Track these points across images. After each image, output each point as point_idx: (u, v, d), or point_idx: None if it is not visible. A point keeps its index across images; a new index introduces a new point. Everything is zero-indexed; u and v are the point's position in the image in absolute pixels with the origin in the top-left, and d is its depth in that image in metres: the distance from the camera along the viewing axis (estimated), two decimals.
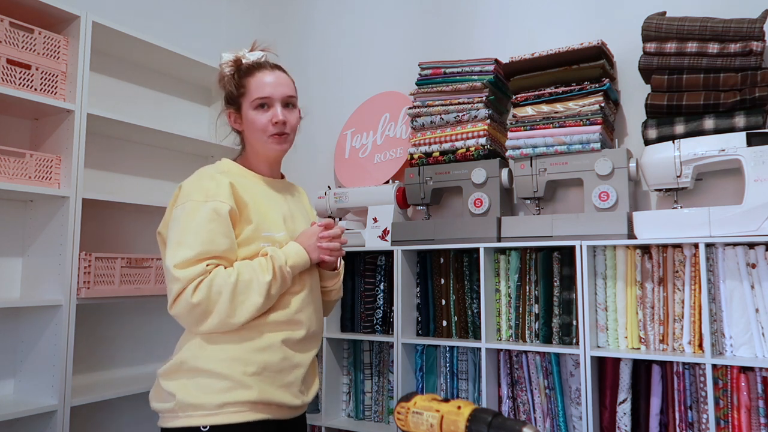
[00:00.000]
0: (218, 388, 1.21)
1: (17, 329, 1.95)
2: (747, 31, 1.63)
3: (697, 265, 1.62)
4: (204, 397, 1.20)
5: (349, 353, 2.21)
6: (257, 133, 1.38)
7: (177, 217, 1.26)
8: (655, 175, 1.71)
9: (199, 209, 1.24)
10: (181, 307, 1.19)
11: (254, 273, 1.24)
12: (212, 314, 1.20)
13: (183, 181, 1.33)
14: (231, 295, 1.20)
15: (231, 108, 1.42)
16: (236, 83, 1.40)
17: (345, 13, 2.71)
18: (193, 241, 1.21)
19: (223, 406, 1.20)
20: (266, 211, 1.35)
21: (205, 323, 1.21)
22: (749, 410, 1.52)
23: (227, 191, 1.28)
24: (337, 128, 2.60)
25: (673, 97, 1.72)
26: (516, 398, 1.88)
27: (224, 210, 1.25)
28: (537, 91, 1.93)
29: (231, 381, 1.21)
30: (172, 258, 1.20)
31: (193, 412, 1.20)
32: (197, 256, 1.20)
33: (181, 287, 1.19)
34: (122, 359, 2.28)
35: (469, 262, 2.00)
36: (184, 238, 1.22)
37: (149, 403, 1.30)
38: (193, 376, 1.22)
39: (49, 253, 1.91)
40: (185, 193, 1.29)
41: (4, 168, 1.77)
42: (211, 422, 1.19)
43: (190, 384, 1.22)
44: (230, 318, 1.21)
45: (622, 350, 1.70)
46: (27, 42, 1.83)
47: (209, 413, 1.20)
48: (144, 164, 2.41)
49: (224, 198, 1.26)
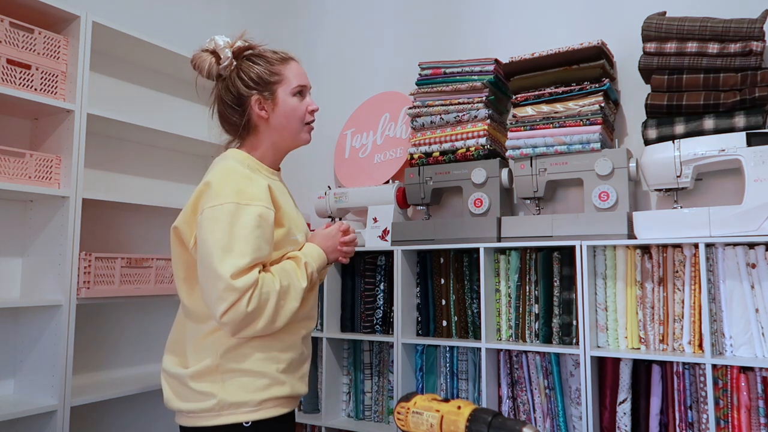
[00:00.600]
0: (258, 386, 1.25)
1: (17, 329, 1.95)
2: (747, 31, 1.63)
3: (697, 265, 1.63)
4: (246, 395, 1.24)
5: (349, 353, 2.21)
6: (294, 121, 1.38)
7: (217, 219, 1.21)
8: (655, 175, 1.71)
9: (244, 213, 1.21)
10: (235, 316, 1.18)
11: (291, 279, 1.27)
12: (259, 320, 1.21)
13: (209, 177, 1.27)
14: (276, 301, 1.22)
15: (262, 94, 1.36)
16: (268, 70, 1.36)
17: (345, 13, 2.71)
18: (244, 248, 1.19)
19: (263, 402, 1.25)
20: (292, 213, 1.37)
21: (250, 328, 1.22)
22: (749, 410, 1.52)
23: (268, 195, 1.27)
24: (337, 128, 2.60)
25: (673, 97, 1.72)
26: (516, 398, 1.88)
27: (271, 217, 1.25)
28: (537, 91, 1.93)
29: (268, 378, 1.27)
30: (227, 267, 1.17)
31: (236, 410, 1.24)
32: (250, 264, 1.19)
33: (238, 297, 1.17)
34: (122, 359, 2.28)
35: (469, 262, 2.00)
36: (233, 245, 1.19)
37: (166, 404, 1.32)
38: (232, 376, 1.25)
39: (49, 253, 1.91)
40: (219, 192, 1.23)
41: (4, 168, 1.77)
42: (253, 418, 1.24)
43: (230, 384, 1.25)
44: (273, 323, 1.23)
45: (622, 350, 1.70)
46: (27, 42, 1.83)
47: (251, 410, 1.24)
48: (144, 164, 2.41)
49: (267, 203, 1.26)
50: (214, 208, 1.22)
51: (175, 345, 1.36)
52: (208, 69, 1.37)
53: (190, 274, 1.31)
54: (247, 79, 1.35)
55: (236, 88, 1.36)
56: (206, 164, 2.65)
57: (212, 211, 1.21)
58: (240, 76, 1.36)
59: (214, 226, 1.20)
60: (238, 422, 1.24)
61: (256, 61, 1.37)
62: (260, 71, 1.36)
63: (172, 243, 1.33)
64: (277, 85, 1.37)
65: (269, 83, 1.36)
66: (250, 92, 1.35)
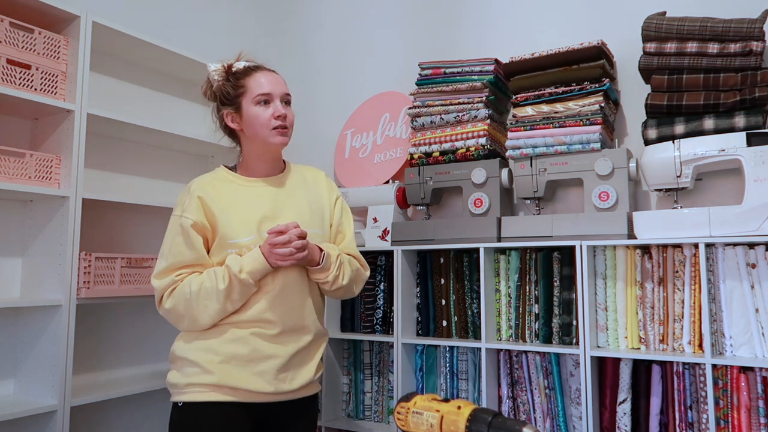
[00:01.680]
0: (188, 372, 1.41)
1: (17, 329, 1.95)
2: (747, 31, 1.63)
3: (697, 265, 1.63)
4: (179, 378, 1.42)
5: (349, 353, 2.21)
6: (260, 128, 1.47)
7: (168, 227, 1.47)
8: (655, 175, 1.71)
9: (173, 223, 1.45)
10: (162, 312, 1.43)
11: (212, 281, 1.38)
12: (183, 317, 1.40)
13: None
14: (194, 302, 1.38)
15: (229, 108, 1.50)
16: (233, 84, 1.49)
17: (345, 13, 2.71)
18: (167, 253, 1.42)
19: (188, 386, 1.40)
20: (237, 218, 1.45)
21: (181, 324, 1.43)
22: (749, 410, 1.52)
23: (196, 205, 1.43)
24: (337, 128, 2.60)
25: (673, 97, 1.72)
26: (516, 398, 1.88)
27: (187, 224, 1.41)
28: (537, 91, 1.93)
29: (198, 367, 1.40)
30: (155, 269, 1.42)
31: (173, 390, 1.43)
32: (168, 267, 1.41)
33: (159, 295, 1.42)
34: (122, 359, 2.27)
35: (469, 262, 2.00)
36: (162, 251, 1.44)
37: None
38: (178, 363, 1.45)
39: (49, 253, 1.91)
40: (177, 205, 1.47)
41: (4, 168, 1.76)
42: (182, 399, 1.40)
43: (175, 369, 1.45)
44: (197, 322, 1.40)
45: (622, 350, 1.70)
46: (27, 42, 1.83)
47: (180, 391, 1.41)
48: (144, 164, 2.41)
49: (190, 213, 1.42)
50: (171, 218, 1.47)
51: None
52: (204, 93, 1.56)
53: None
54: (221, 97, 1.51)
55: (216, 107, 1.54)
56: (206, 164, 2.66)
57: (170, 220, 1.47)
58: (216, 96, 1.52)
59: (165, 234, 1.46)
60: (176, 401, 1.42)
61: (229, 79, 1.51)
62: (228, 87, 1.49)
63: None
64: (241, 97, 1.49)
65: (235, 97, 1.49)
66: (223, 108, 1.51)
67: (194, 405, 1.39)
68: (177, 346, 1.46)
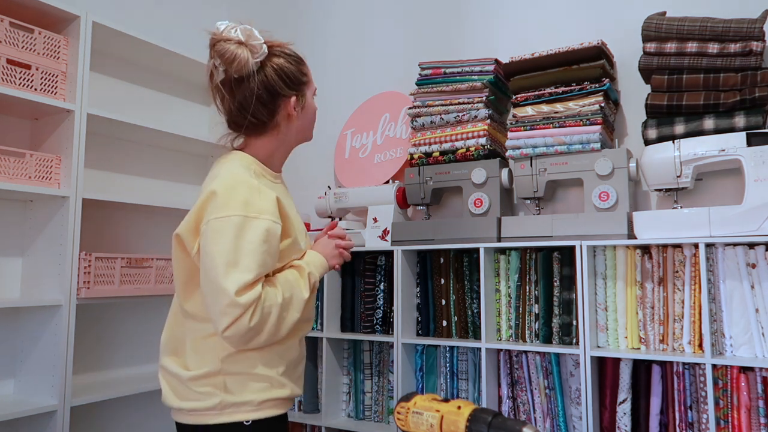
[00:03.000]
0: (259, 388, 1.26)
1: (17, 329, 1.95)
2: (747, 31, 1.63)
3: (697, 265, 1.62)
4: (248, 396, 1.25)
5: (349, 353, 2.21)
6: (312, 122, 1.41)
7: (222, 231, 1.17)
8: (655, 175, 1.71)
9: (251, 227, 1.19)
10: (237, 330, 1.16)
11: (294, 290, 1.26)
12: (262, 333, 1.20)
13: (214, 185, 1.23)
14: (278, 315, 1.22)
15: (297, 95, 1.34)
16: (297, 69, 1.34)
17: (345, 13, 2.71)
18: (250, 263, 1.17)
19: (263, 402, 1.26)
20: (297, 221, 1.36)
21: (254, 342, 1.21)
22: (749, 410, 1.52)
23: (276, 207, 1.25)
24: (337, 128, 2.60)
25: (673, 97, 1.72)
26: (516, 398, 1.88)
27: (277, 232, 1.23)
28: (537, 91, 1.93)
29: (268, 381, 1.27)
30: (231, 282, 1.14)
31: (237, 409, 1.25)
32: (254, 279, 1.17)
33: (241, 312, 1.15)
34: (122, 359, 2.28)
35: (469, 262, 2.00)
36: (239, 259, 1.16)
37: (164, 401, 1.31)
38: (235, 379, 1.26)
39: (49, 253, 1.91)
40: (227, 203, 1.20)
41: (4, 168, 1.77)
42: (254, 417, 1.25)
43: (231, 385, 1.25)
44: (275, 335, 1.23)
45: (622, 350, 1.70)
46: (27, 42, 1.83)
47: (252, 409, 1.25)
48: (144, 164, 2.41)
49: (275, 216, 1.23)
50: (219, 220, 1.18)
51: (172, 343, 1.34)
52: (245, 63, 1.27)
53: (191, 279, 1.29)
54: (286, 79, 1.31)
55: (272, 86, 1.30)
56: (206, 164, 2.66)
57: (218, 223, 1.18)
58: (279, 75, 1.31)
59: (219, 239, 1.17)
60: (239, 421, 1.25)
61: (289, 60, 1.33)
62: (295, 71, 1.33)
63: (174, 249, 1.30)
64: (305, 86, 1.36)
65: (301, 84, 1.35)
66: (290, 92, 1.32)
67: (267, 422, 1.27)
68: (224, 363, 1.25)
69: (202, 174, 2.66)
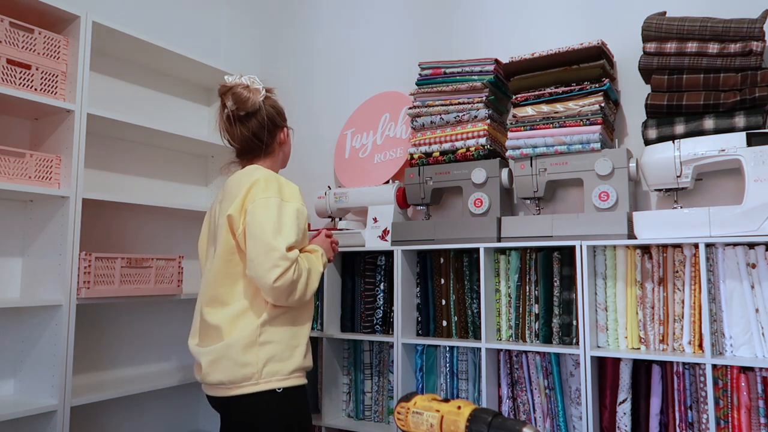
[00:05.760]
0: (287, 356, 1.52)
1: (17, 329, 1.95)
2: (747, 31, 1.63)
3: (697, 265, 1.63)
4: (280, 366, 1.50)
5: (349, 353, 2.21)
6: (289, 150, 1.78)
7: (268, 207, 1.49)
8: (655, 175, 1.71)
9: (286, 207, 1.52)
10: (284, 281, 1.44)
11: (313, 264, 1.57)
12: (296, 291, 1.49)
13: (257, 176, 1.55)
14: (307, 278, 1.52)
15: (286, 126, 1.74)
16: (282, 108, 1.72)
17: (345, 13, 2.71)
18: (291, 231, 1.49)
19: (293, 371, 1.52)
20: None
21: (291, 297, 1.48)
22: (749, 410, 1.52)
23: (300, 196, 1.59)
24: (337, 128, 2.60)
25: (673, 97, 1.72)
26: (516, 398, 1.88)
27: (305, 212, 1.58)
28: (537, 91, 1.93)
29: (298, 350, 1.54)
30: (281, 241, 1.45)
31: (271, 378, 1.49)
32: (294, 243, 1.49)
33: (289, 265, 1.45)
34: (122, 359, 2.28)
35: (469, 262, 2.00)
36: (282, 228, 1.48)
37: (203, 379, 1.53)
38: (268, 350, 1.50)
39: (49, 253, 1.91)
40: (267, 188, 1.52)
41: (4, 168, 1.77)
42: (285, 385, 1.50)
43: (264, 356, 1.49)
44: (304, 297, 1.52)
45: (622, 350, 1.70)
46: (27, 42, 1.83)
47: (284, 377, 1.50)
48: (144, 164, 2.41)
49: (301, 203, 1.57)
50: (265, 199, 1.50)
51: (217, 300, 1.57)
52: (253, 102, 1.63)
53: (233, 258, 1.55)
54: (278, 114, 1.70)
55: (273, 119, 1.67)
56: (206, 164, 2.67)
57: (264, 201, 1.50)
58: (277, 111, 1.70)
59: (266, 212, 1.48)
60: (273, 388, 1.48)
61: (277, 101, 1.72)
62: (281, 109, 1.72)
63: (223, 229, 1.55)
64: (286, 121, 1.74)
65: (285, 119, 1.74)
66: (282, 123, 1.72)
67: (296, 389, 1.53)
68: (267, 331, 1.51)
69: (202, 174, 2.66)
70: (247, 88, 1.63)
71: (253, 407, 1.48)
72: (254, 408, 1.48)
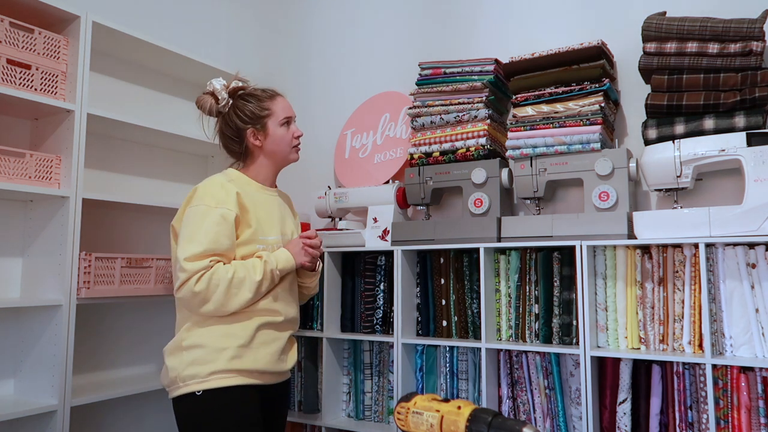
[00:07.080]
0: (209, 359, 1.48)
1: (17, 329, 1.95)
2: (747, 31, 1.63)
3: (697, 265, 1.63)
4: (197, 369, 1.48)
5: (349, 353, 2.21)
6: (285, 146, 1.69)
7: (190, 217, 1.52)
8: (655, 175, 1.71)
9: (210, 213, 1.51)
10: (184, 293, 1.46)
11: (248, 272, 1.51)
12: (209, 302, 1.47)
13: (198, 184, 1.57)
14: (226, 288, 1.47)
15: (254, 127, 1.65)
16: (257, 106, 1.65)
17: (345, 13, 2.71)
18: (202, 239, 1.48)
19: (212, 374, 1.47)
20: (263, 216, 1.63)
21: (203, 308, 1.48)
22: (749, 410, 1.52)
23: (234, 200, 1.54)
24: (337, 128, 2.60)
25: (673, 97, 1.72)
26: (516, 398, 1.88)
27: (231, 217, 1.52)
28: (537, 91, 1.93)
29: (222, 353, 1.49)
30: (183, 251, 1.47)
31: (188, 382, 1.48)
32: (204, 252, 1.47)
33: (187, 277, 1.45)
34: (122, 359, 2.28)
35: (469, 262, 2.00)
36: (194, 236, 1.48)
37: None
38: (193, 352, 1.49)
39: (49, 253, 1.91)
40: (199, 196, 1.54)
41: (4, 168, 1.77)
42: (204, 387, 1.47)
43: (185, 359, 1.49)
44: (224, 307, 1.49)
45: (622, 350, 1.70)
46: (27, 42, 1.83)
47: (203, 380, 1.47)
48: (144, 164, 2.41)
49: (231, 206, 1.53)
50: (192, 208, 1.53)
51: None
52: (210, 108, 1.67)
53: None
54: (242, 116, 1.65)
55: (234, 123, 1.66)
56: (206, 164, 2.66)
57: (191, 210, 1.53)
58: (236, 113, 1.65)
59: (188, 222, 1.52)
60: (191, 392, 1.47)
61: (249, 100, 1.66)
62: (252, 108, 1.65)
63: (171, 237, 1.61)
64: (267, 118, 1.66)
65: (260, 117, 1.65)
66: (246, 126, 1.65)
67: (216, 391, 1.47)
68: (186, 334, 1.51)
69: (202, 174, 2.66)
70: (212, 94, 1.66)
71: (177, 410, 1.52)
72: (177, 411, 1.52)
